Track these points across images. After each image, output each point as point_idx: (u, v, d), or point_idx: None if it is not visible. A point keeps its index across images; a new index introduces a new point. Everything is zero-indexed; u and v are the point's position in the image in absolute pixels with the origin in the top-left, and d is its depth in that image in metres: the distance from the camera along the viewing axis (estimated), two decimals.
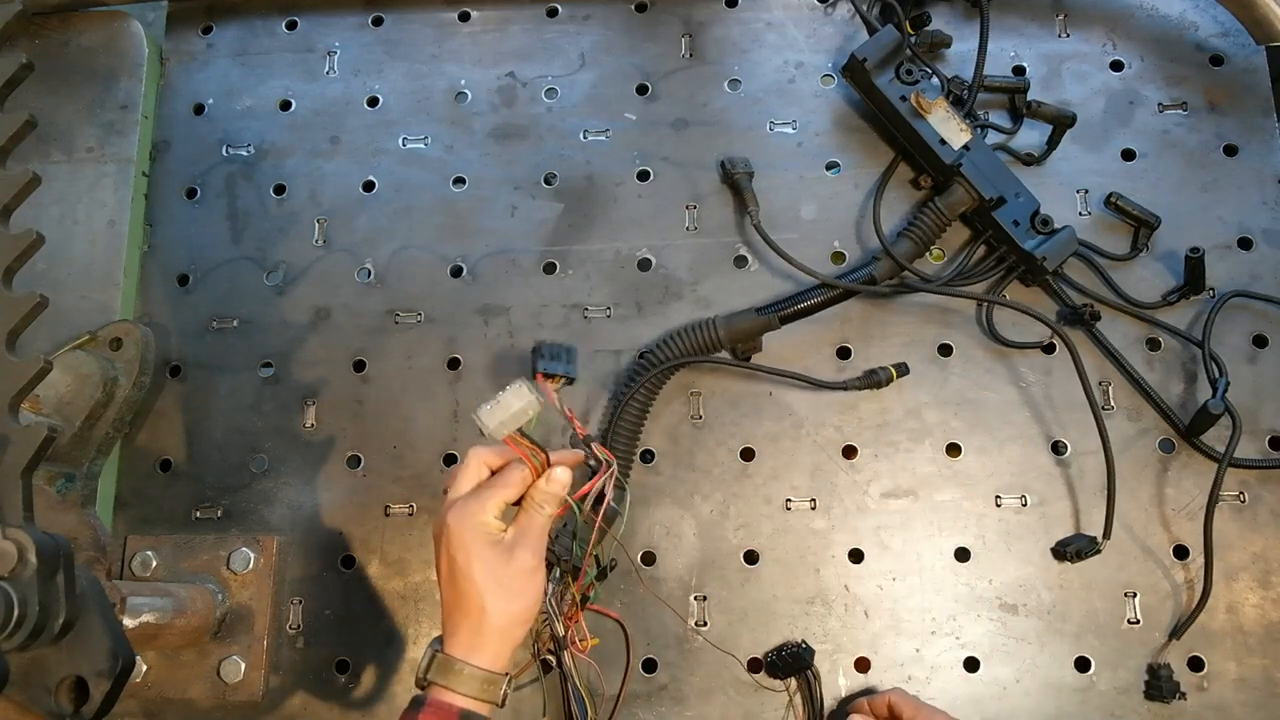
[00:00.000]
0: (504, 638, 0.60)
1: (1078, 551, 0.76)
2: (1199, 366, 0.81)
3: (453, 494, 0.63)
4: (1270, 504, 0.78)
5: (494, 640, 0.60)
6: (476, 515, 0.61)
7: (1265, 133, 0.87)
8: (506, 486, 0.62)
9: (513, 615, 0.60)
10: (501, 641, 0.60)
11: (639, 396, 0.80)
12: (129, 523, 0.85)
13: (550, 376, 0.67)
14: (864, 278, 0.81)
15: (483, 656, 0.59)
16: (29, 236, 0.56)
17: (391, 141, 0.93)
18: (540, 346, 0.68)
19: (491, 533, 0.61)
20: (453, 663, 0.59)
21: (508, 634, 0.60)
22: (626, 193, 0.90)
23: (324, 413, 0.86)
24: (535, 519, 0.62)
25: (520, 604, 0.60)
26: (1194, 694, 0.74)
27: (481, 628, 0.59)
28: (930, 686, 0.76)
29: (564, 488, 0.63)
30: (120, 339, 0.84)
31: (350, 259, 0.90)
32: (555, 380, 0.68)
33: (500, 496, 0.62)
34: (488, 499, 0.62)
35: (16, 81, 0.61)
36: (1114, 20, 0.91)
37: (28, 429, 0.52)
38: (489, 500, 0.62)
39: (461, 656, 0.59)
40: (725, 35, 0.94)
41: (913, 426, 0.82)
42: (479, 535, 0.61)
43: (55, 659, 0.50)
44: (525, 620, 0.61)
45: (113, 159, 0.92)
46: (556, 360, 0.68)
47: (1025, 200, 0.82)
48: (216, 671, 0.78)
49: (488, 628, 0.59)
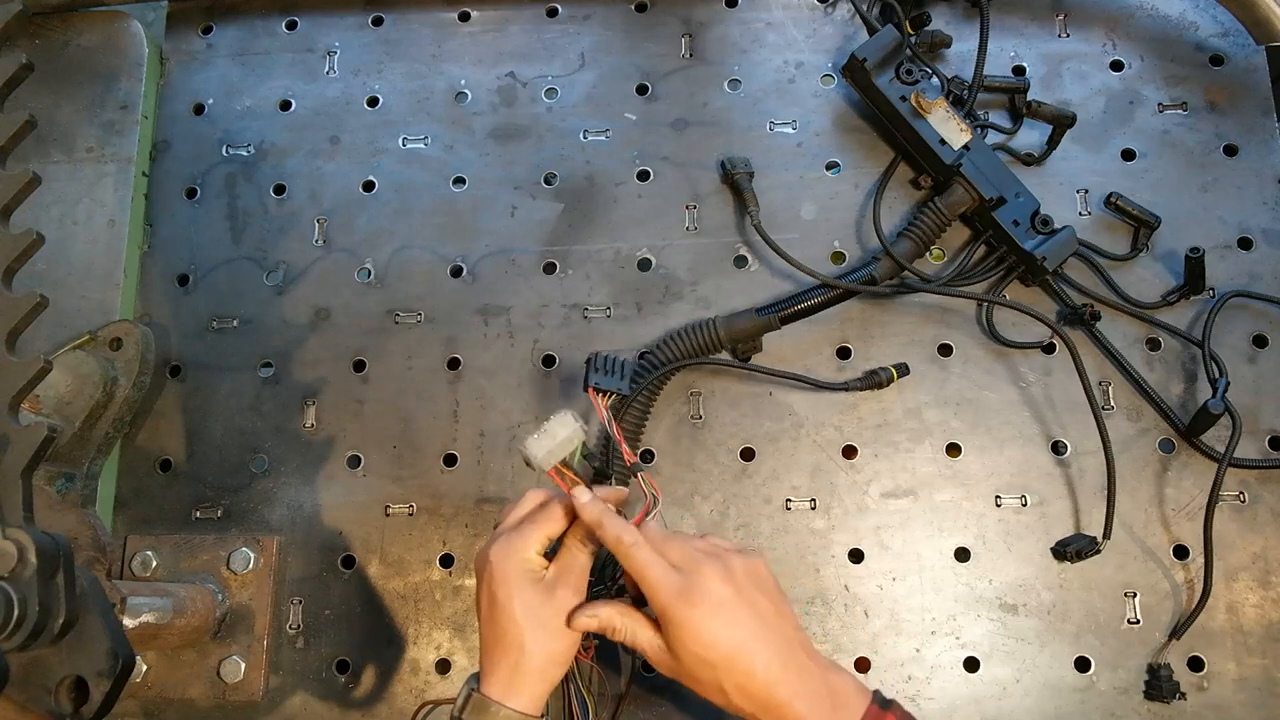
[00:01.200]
0: (542, 678, 0.59)
1: (1078, 551, 0.76)
2: (1199, 366, 0.81)
3: (499, 529, 0.63)
4: (1270, 504, 0.78)
5: (531, 680, 0.58)
6: (519, 551, 0.60)
7: (1265, 133, 0.87)
8: (549, 521, 0.61)
9: (551, 655, 0.59)
10: (539, 682, 0.59)
11: (640, 399, 0.80)
12: (129, 523, 0.85)
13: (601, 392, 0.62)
14: (864, 278, 0.81)
15: (519, 698, 0.58)
16: (29, 236, 0.57)
17: (391, 141, 0.93)
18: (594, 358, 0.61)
19: (534, 569, 0.60)
20: (488, 704, 0.58)
21: (545, 674, 0.59)
22: (626, 193, 0.90)
23: (324, 413, 0.86)
24: (577, 557, 0.61)
25: (560, 644, 0.59)
26: (1194, 694, 0.74)
27: (520, 667, 0.58)
28: (930, 686, 0.76)
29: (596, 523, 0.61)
30: (120, 339, 0.84)
31: (350, 259, 0.90)
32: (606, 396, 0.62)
33: (543, 532, 0.61)
34: (530, 534, 0.61)
35: (16, 81, 0.61)
36: (1114, 20, 0.91)
37: (28, 429, 0.52)
38: (531, 536, 0.61)
39: (497, 697, 0.58)
40: (725, 35, 0.94)
41: (913, 426, 0.82)
42: (521, 572, 0.60)
43: (55, 659, 0.50)
44: (564, 661, 0.60)
45: (113, 159, 0.92)
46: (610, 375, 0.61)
47: (1025, 200, 0.82)
48: (216, 671, 0.78)
49: (526, 667, 0.58)
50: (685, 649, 0.57)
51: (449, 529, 0.82)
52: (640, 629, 0.60)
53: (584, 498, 0.61)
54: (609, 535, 0.60)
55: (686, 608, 0.57)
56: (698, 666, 0.57)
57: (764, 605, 0.58)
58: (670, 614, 0.57)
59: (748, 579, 0.59)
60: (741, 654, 0.56)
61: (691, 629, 0.57)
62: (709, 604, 0.57)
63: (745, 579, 0.59)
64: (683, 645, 0.57)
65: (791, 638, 0.58)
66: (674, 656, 0.58)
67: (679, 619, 0.57)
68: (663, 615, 0.58)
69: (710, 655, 0.56)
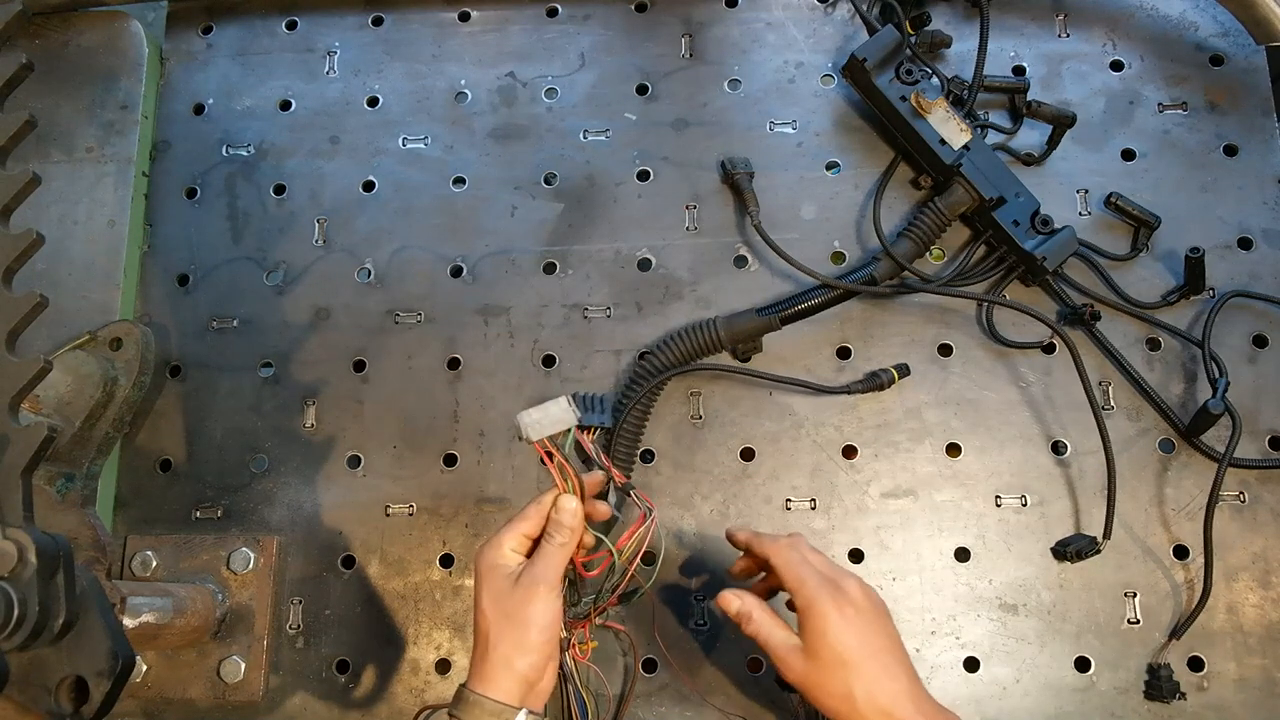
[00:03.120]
0: (507, 667, 0.59)
1: (1078, 551, 0.76)
2: (1199, 366, 0.81)
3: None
4: (1270, 504, 0.78)
5: (498, 670, 0.59)
6: (494, 548, 0.62)
7: (1265, 133, 0.87)
8: (524, 519, 0.63)
9: (517, 643, 0.59)
10: (506, 671, 0.59)
11: (640, 400, 0.80)
12: (129, 523, 0.85)
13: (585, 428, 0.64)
14: (864, 278, 0.81)
15: (490, 687, 0.58)
16: (29, 236, 0.57)
17: (391, 141, 0.93)
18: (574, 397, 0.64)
19: (507, 564, 0.62)
20: (464, 694, 0.59)
21: (510, 663, 0.59)
22: (626, 193, 0.90)
23: (324, 413, 0.86)
24: (545, 548, 0.62)
25: (522, 632, 0.59)
26: (1194, 694, 0.74)
27: (486, 656, 0.59)
28: (930, 686, 0.75)
29: (573, 516, 0.62)
30: (120, 339, 0.84)
31: (350, 259, 0.90)
32: (590, 432, 0.65)
33: (517, 529, 0.63)
34: (505, 531, 0.63)
35: (16, 81, 0.61)
36: (1114, 20, 0.91)
37: (28, 429, 0.52)
38: (506, 533, 0.63)
39: (471, 687, 0.59)
40: (725, 35, 0.94)
41: (913, 426, 0.82)
42: (493, 566, 0.62)
43: (55, 659, 0.50)
44: (529, 648, 0.59)
45: (113, 159, 0.92)
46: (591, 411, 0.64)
47: (1025, 200, 0.82)
48: (216, 671, 0.78)
49: (491, 657, 0.59)
50: (827, 647, 0.59)
51: (449, 529, 0.82)
52: (776, 627, 0.62)
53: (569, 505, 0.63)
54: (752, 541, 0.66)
55: (835, 607, 0.59)
56: (833, 666, 0.58)
57: (893, 629, 0.62)
58: (815, 607, 0.59)
59: (883, 605, 0.62)
60: (880, 661, 0.59)
61: (836, 625, 0.59)
62: (855, 608, 0.60)
63: (881, 604, 0.62)
64: (825, 643, 0.59)
65: (914, 670, 0.61)
66: (810, 655, 0.59)
67: (824, 613, 0.59)
68: (808, 609, 0.60)
69: (850, 656, 0.58)
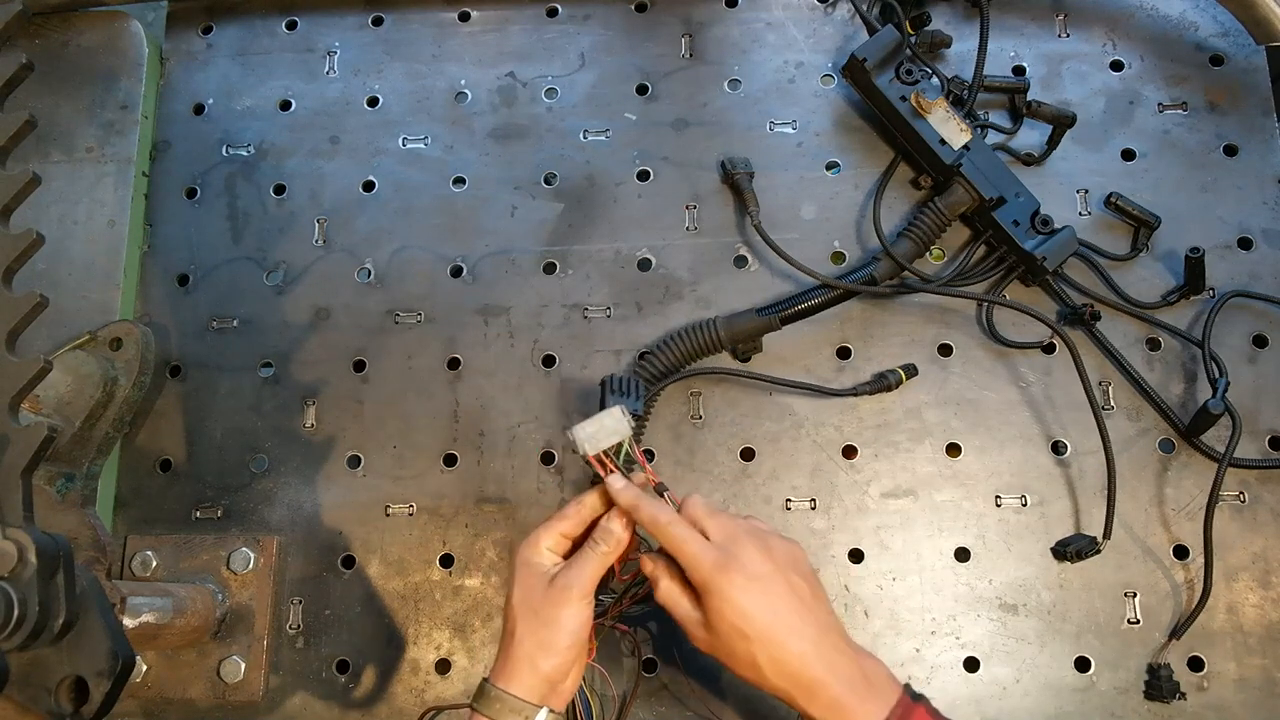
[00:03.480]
0: (531, 665, 0.59)
1: (1078, 551, 0.76)
2: (1199, 366, 0.81)
3: None
4: (1270, 504, 0.78)
5: (521, 667, 0.59)
6: (531, 545, 0.62)
7: (1265, 133, 0.87)
8: (564, 519, 0.63)
9: (540, 642, 0.59)
10: (529, 669, 0.59)
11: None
12: (129, 523, 0.85)
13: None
14: (864, 278, 0.81)
15: (512, 683, 0.59)
16: (29, 236, 0.57)
17: (391, 141, 0.93)
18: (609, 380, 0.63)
19: (541, 563, 0.61)
20: (485, 687, 0.59)
21: (534, 661, 0.59)
22: (626, 193, 0.90)
23: (324, 413, 0.86)
24: (586, 554, 0.61)
25: (549, 633, 0.59)
26: (1194, 694, 0.74)
27: (509, 653, 0.59)
28: (930, 686, 0.76)
29: (625, 528, 0.62)
30: (120, 339, 0.83)
31: (350, 259, 0.90)
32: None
33: (556, 528, 0.62)
34: (544, 530, 0.63)
35: (16, 81, 0.61)
36: (1114, 20, 0.91)
37: (28, 429, 0.52)
38: (544, 531, 0.62)
39: (494, 681, 0.59)
40: (725, 35, 0.94)
41: (913, 426, 0.82)
42: (528, 563, 0.61)
43: (55, 659, 0.50)
44: (554, 650, 0.59)
45: (113, 159, 0.92)
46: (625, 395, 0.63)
47: (1025, 200, 0.82)
48: (216, 671, 0.78)
49: (515, 653, 0.59)
50: (723, 620, 0.57)
51: (449, 529, 0.82)
52: (681, 599, 0.60)
53: (618, 484, 0.62)
54: (645, 515, 0.61)
55: (724, 579, 0.57)
56: (734, 638, 0.57)
57: (801, 586, 0.59)
58: (709, 584, 0.58)
59: (787, 560, 0.60)
60: (777, 628, 0.57)
61: (730, 600, 0.57)
62: (746, 577, 0.57)
63: (784, 559, 0.60)
64: (720, 616, 0.57)
65: (827, 621, 0.59)
66: (710, 629, 0.58)
67: (716, 589, 0.58)
68: (702, 587, 0.58)
69: (747, 627, 0.57)
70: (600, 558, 0.61)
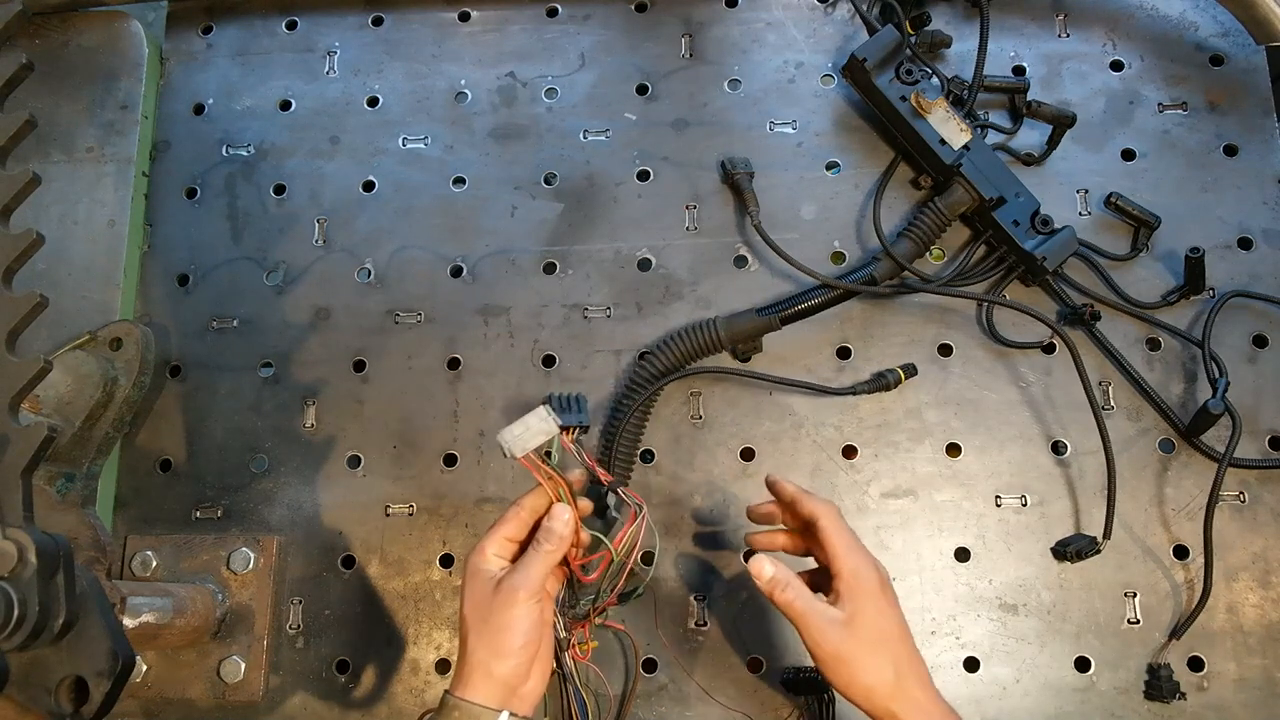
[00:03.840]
0: (485, 671, 0.58)
1: (1078, 551, 0.76)
2: (1199, 366, 0.81)
3: None
4: (1270, 504, 0.78)
5: (476, 674, 0.58)
6: (477, 554, 0.62)
7: (1265, 133, 0.87)
8: (505, 523, 0.63)
9: (492, 647, 0.58)
10: (484, 676, 0.58)
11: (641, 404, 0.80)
12: (129, 523, 0.85)
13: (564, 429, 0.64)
14: (864, 278, 0.81)
15: (470, 691, 0.58)
16: (29, 236, 0.57)
17: (391, 141, 0.93)
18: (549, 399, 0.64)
19: (488, 569, 0.61)
20: (446, 698, 0.59)
21: (488, 667, 0.58)
22: (626, 193, 0.90)
23: (324, 413, 0.86)
24: (531, 555, 0.61)
25: (500, 637, 0.58)
26: (1194, 694, 0.74)
27: (465, 661, 0.59)
28: None
29: (565, 525, 0.61)
30: (120, 339, 0.84)
31: (350, 259, 0.90)
32: (570, 432, 0.64)
33: (500, 533, 0.62)
34: (487, 537, 0.62)
35: (16, 81, 0.61)
36: (1114, 20, 0.91)
37: (28, 429, 0.52)
38: (488, 538, 0.62)
39: (452, 691, 0.59)
40: (725, 35, 0.94)
41: (913, 426, 0.82)
42: (475, 571, 0.61)
43: (55, 659, 0.50)
44: (508, 653, 0.58)
45: (113, 159, 0.92)
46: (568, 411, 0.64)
47: (1025, 200, 0.82)
48: (216, 671, 0.78)
49: (469, 661, 0.59)
50: (871, 621, 0.58)
51: (449, 529, 0.82)
52: (813, 600, 0.59)
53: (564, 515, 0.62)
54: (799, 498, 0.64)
55: (880, 582, 0.60)
56: (875, 643, 0.58)
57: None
58: (864, 579, 0.59)
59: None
60: (911, 645, 0.60)
61: (882, 602, 0.59)
62: (891, 588, 0.61)
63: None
64: (868, 618, 0.58)
65: None
66: (850, 628, 0.58)
67: (873, 591, 0.59)
68: (854, 578, 0.59)
69: (893, 633, 0.59)
70: (545, 556, 0.61)
